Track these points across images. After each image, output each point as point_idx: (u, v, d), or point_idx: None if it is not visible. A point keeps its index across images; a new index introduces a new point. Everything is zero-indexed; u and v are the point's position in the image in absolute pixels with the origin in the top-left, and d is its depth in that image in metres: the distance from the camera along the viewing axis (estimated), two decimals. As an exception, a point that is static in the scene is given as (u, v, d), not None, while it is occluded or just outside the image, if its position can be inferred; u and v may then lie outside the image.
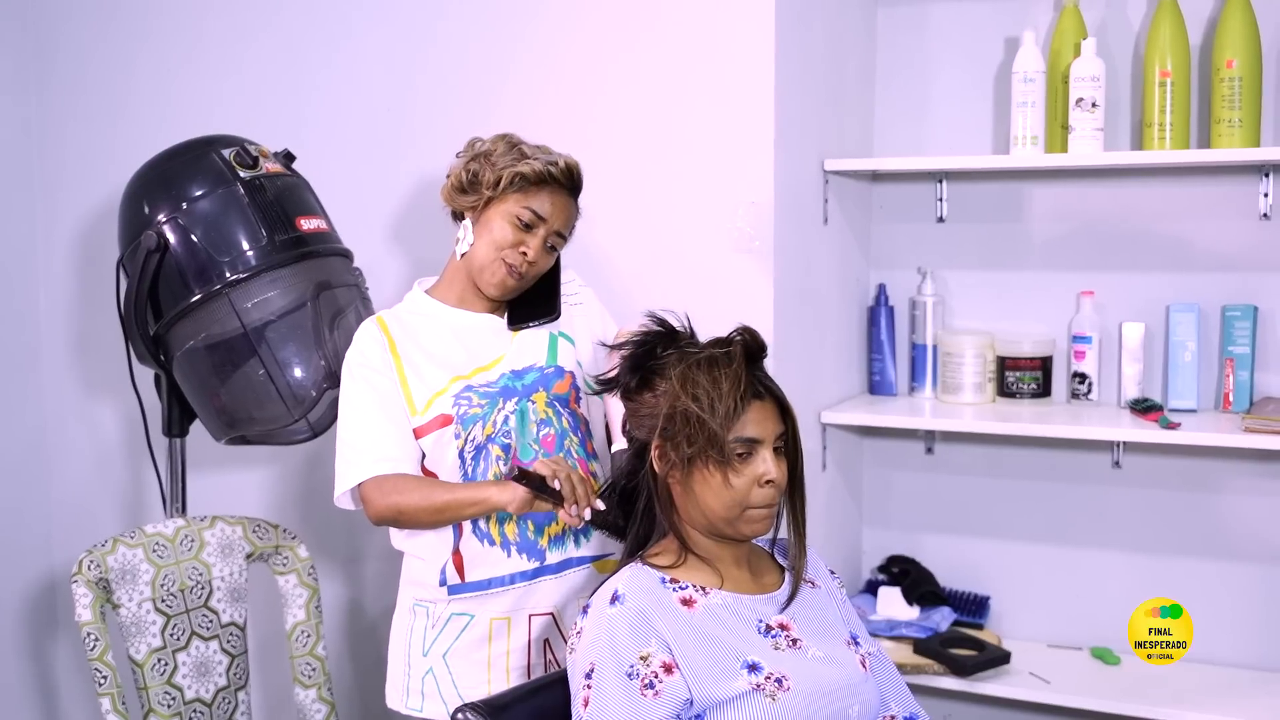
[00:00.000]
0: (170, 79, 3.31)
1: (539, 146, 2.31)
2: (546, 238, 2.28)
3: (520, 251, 2.26)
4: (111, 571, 2.58)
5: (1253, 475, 2.94)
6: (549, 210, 2.27)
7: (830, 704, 1.85)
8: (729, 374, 1.87)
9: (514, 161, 2.25)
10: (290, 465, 3.26)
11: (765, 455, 1.88)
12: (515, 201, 2.26)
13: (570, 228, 2.33)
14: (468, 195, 2.29)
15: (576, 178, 2.31)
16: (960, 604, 3.14)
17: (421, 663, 2.30)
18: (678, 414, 1.87)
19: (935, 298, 3.14)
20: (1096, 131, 2.80)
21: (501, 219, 2.26)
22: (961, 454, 3.21)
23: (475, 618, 2.26)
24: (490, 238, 2.27)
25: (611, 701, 1.79)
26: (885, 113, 3.23)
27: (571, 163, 2.30)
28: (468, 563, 2.25)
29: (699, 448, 1.86)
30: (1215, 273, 2.94)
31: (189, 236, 2.55)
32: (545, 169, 2.25)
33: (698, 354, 1.90)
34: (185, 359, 2.60)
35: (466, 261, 2.31)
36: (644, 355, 1.95)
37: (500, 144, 2.30)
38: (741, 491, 1.87)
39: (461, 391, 2.26)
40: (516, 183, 2.24)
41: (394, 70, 3.11)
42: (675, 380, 1.88)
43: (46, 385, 3.52)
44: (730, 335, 1.93)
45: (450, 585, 2.26)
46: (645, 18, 2.84)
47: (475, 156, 2.30)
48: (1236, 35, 2.73)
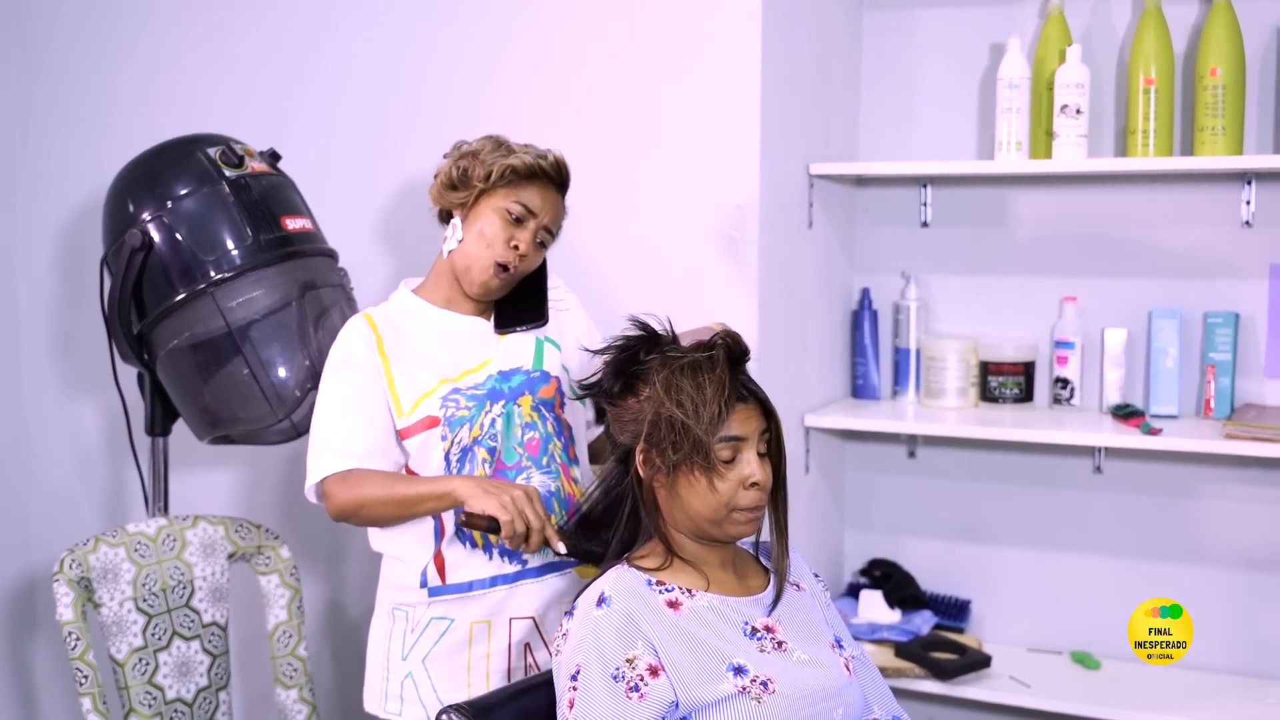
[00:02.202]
0: (156, 78, 3.30)
1: (525, 145, 2.32)
2: (536, 232, 2.28)
3: (512, 246, 2.26)
4: (93, 570, 2.57)
5: (1233, 481, 2.96)
6: (539, 204, 2.28)
7: (815, 707, 1.85)
8: (712, 379, 1.87)
9: (503, 156, 2.27)
10: (273, 465, 3.25)
11: (750, 458, 1.88)
12: (505, 196, 2.26)
13: (559, 224, 2.34)
14: (457, 192, 2.30)
15: (565, 173, 2.32)
16: (941, 608, 3.15)
17: (400, 667, 2.30)
18: (662, 421, 1.87)
19: (919, 302, 3.15)
20: (1081, 138, 2.81)
21: (492, 213, 2.26)
22: (944, 458, 3.22)
23: (455, 621, 2.26)
24: (480, 231, 2.27)
25: (596, 703, 1.79)
26: (870, 117, 3.24)
27: (559, 158, 2.31)
28: (449, 565, 2.25)
29: (684, 454, 1.86)
30: (1197, 279, 2.95)
31: (173, 235, 2.54)
32: (535, 163, 2.27)
33: (680, 359, 1.91)
34: (169, 358, 2.59)
35: (454, 260, 2.31)
36: (627, 360, 1.95)
37: (488, 143, 2.31)
38: (727, 495, 1.87)
39: (449, 394, 2.25)
40: (507, 176, 2.25)
41: (380, 71, 3.11)
42: (659, 386, 1.89)
43: (28, 383, 3.50)
44: (712, 339, 1.94)
45: (431, 587, 2.26)
46: (631, 21, 2.84)
47: (464, 155, 2.31)
48: (1220, 43, 2.75)
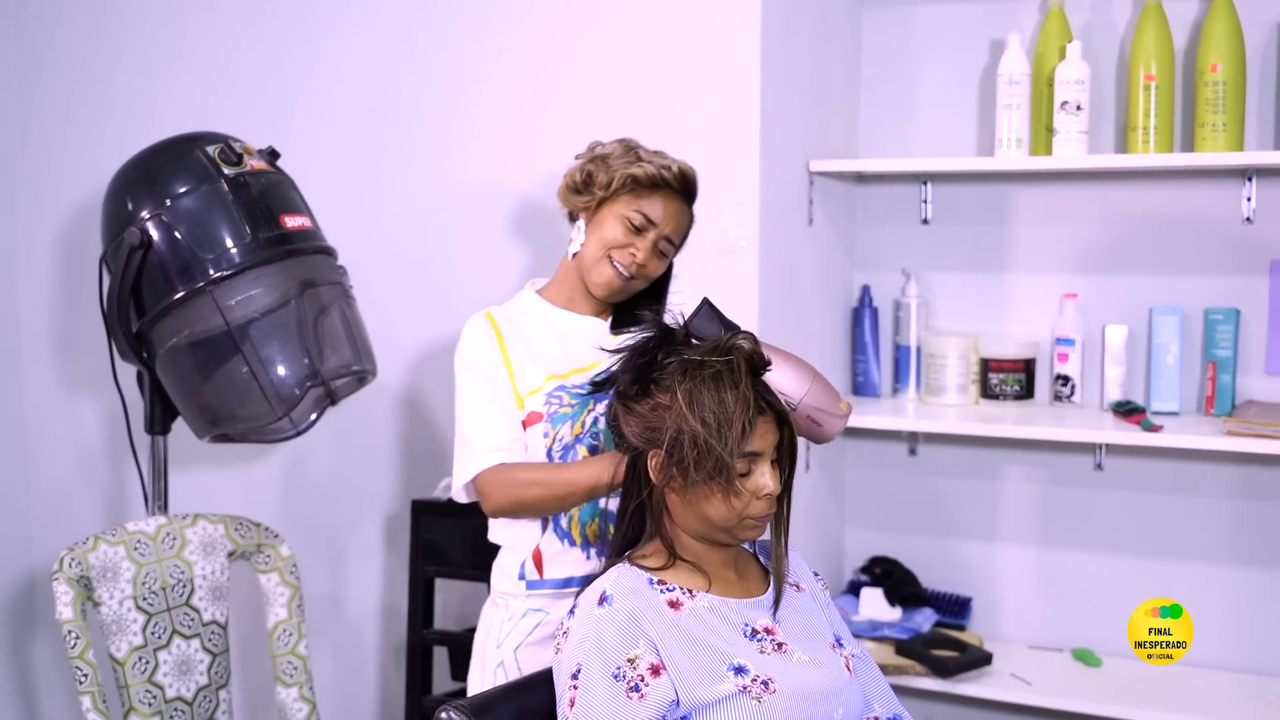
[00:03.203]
0: (155, 76, 3.30)
1: (656, 152, 2.29)
2: (656, 241, 2.26)
3: (629, 253, 2.25)
4: (93, 569, 2.57)
5: (1234, 478, 2.96)
6: (660, 214, 2.25)
7: (815, 707, 1.85)
8: (736, 396, 1.85)
9: (628, 164, 2.25)
10: (273, 464, 3.25)
11: (764, 469, 1.88)
12: (627, 203, 2.25)
13: (682, 234, 2.31)
14: (581, 195, 2.29)
15: (690, 184, 2.29)
16: (942, 605, 3.15)
17: (495, 654, 2.31)
18: (684, 438, 1.85)
19: (919, 299, 3.15)
20: (1081, 134, 2.81)
21: (613, 219, 2.25)
22: (944, 455, 3.21)
23: (548, 615, 2.26)
24: (600, 236, 2.26)
25: (597, 702, 1.79)
26: (870, 114, 3.23)
27: (686, 169, 2.28)
28: (547, 560, 2.26)
29: (706, 473, 1.85)
30: (1198, 276, 2.95)
31: (172, 233, 2.54)
32: (658, 172, 2.24)
33: (701, 368, 1.88)
34: (168, 356, 2.59)
35: (577, 261, 2.31)
36: (647, 365, 1.94)
37: (617, 147, 2.29)
38: (742, 505, 1.87)
39: (554, 390, 2.26)
40: (629, 184, 2.23)
41: (378, 69, 3.11)
42: (681, 399, 1.86)
43: (28, 382, 3.50)
44: (728, 342, 1.92)
45: (529, 580, 2.27)
46: (630, 18, 2.84)
47: (592, 159, 2.29)
48: (1221, 39, 2.75)
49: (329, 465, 3.25)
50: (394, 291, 3.09)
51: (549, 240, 2.97)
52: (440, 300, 3.09)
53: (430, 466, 3.13)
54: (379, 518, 3.23)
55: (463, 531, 2.93)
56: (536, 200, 2.97)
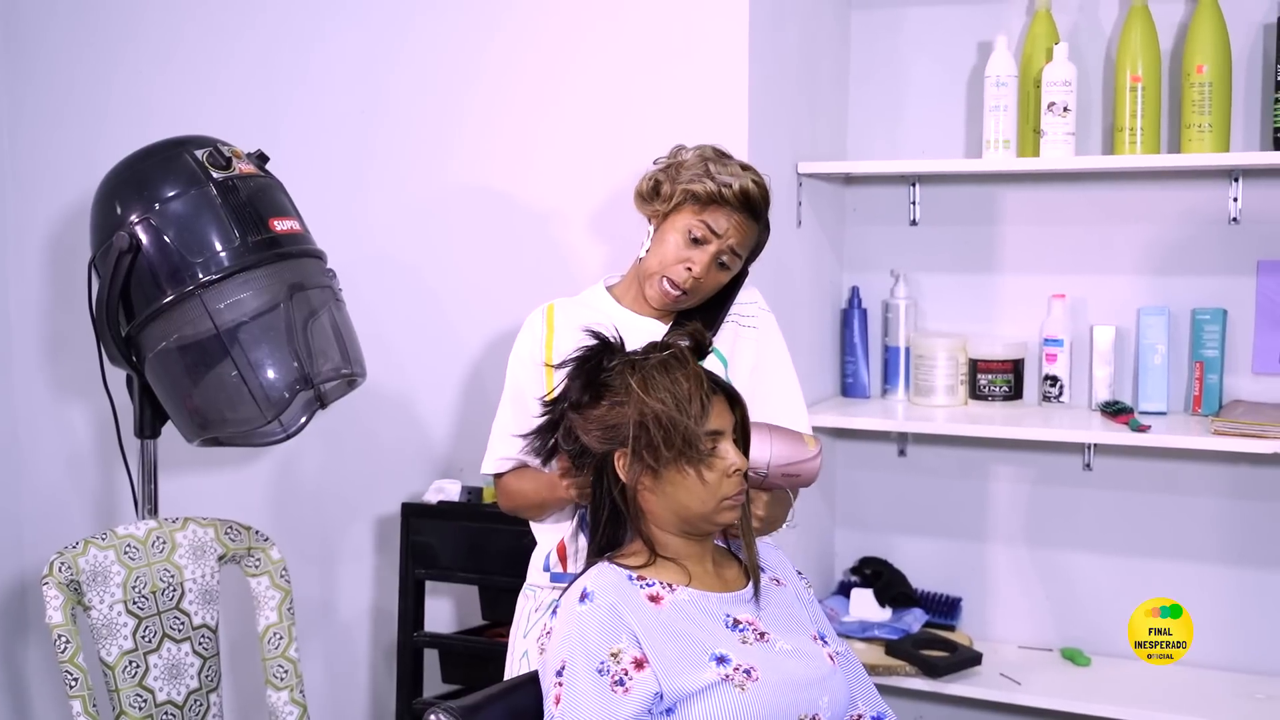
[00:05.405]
0: (144, 80, 3.30)
1: (730, 165, 2.25)
2: (718, 254, 2.23)
3: (685, 267, 2.23)
4: (83, 573, 2.56)
5: (1222, 478, 2.97)
6: (724, 227, 2.22)
7: (799, 694, 1.86)
8: (687, 374, 1.90)
9: (694, 179, 2.22)
10: (263, 467, 3.25)
11: (728, 448, 1.91)
12: (691, 214, 2.23)
13: (748, 246, 2.28)
14: (649, 204, 2.29)
15: (753, 201, 2.24)
16: (932, 605, 3.15)
17: (521, 644, 2.34)
18: (648, 420, 1.88)
19: (908, 300, 3.15)
20: (1068, 136, 2.82)
21: (675, 232, 2.24)
22: (933, 456, 3.22)
23: None
24: (661, 249, 2.25)
25: (583, 698, 1.80)
26: (859, 116, 3.24)
27: (748, 186, 2.22)
28: (570, 554, 2.29)
29: (677, 449, 1.87)
30: (1185, 276, 2.96)
31: (161, 237, 2.54)
32: (718, 190, 2.21)
33: (647, 360, 1.93)
34: (157, 360, 2.59)
35: (641, 268, 2.30)
36: (594, 369, 1.96)
37: (693, 157, 2.26)
38: (715, 485, 1.89)
39: None
40: (688, 200, 2.22)
41: (367, 72, 3.11)
42: (636, 387, 1.90)
43: (17, 386, 3.50)
44: (666, 340, 1.97)
45: (553, 573, 2.31)
46: (618, 22, 2.84)
47: (668, 166, 2.27)
48: (1206, 41, 2.76)
49: (319, 468, 3.25)
50: (384, 294, 3.09)
51: (538, 242, 2.98)
52: (430, 303, 3.09)
53: (421, 469, 3.13)
54: (369, 521, 3.23)
55: (453, 534, 2.93)
56: (524, 202, 2.97)
